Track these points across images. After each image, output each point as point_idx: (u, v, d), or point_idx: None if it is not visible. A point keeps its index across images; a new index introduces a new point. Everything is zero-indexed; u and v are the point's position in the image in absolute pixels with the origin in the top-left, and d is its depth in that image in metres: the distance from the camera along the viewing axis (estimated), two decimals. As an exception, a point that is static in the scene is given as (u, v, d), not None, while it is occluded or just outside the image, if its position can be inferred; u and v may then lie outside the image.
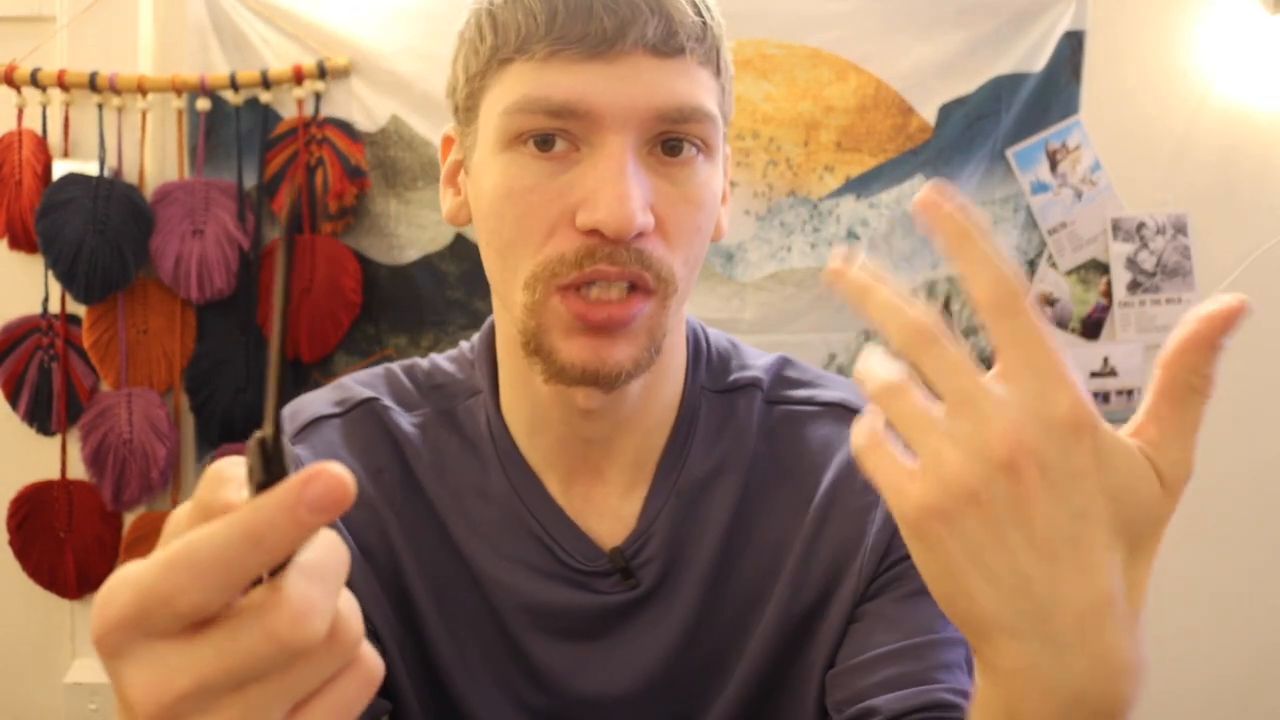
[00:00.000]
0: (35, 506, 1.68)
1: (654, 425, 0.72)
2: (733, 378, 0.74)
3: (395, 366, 0.77)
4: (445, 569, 0.71)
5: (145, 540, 1.67)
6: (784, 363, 0.77)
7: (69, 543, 1.67)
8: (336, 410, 0.73)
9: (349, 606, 0.34)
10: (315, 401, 0.75)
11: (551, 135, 0.61)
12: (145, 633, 0.32)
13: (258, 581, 0.32)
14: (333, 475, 0.31)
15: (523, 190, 0.62)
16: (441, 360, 0.77)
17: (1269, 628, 1.79)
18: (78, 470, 1.68)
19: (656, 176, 0.62)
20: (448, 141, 0.72)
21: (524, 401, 0.71)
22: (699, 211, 0.64)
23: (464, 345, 0.78)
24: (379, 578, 0.70)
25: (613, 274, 0.61)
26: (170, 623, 0.31)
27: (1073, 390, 0.39)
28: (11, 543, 1.68)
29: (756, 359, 0.76)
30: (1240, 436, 1.75)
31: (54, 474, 1.68)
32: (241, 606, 0.32)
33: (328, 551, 0.34)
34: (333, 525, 0.76)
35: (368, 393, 0.74)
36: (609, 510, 0.71)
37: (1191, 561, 1.77)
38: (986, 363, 0.39)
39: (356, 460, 0.71)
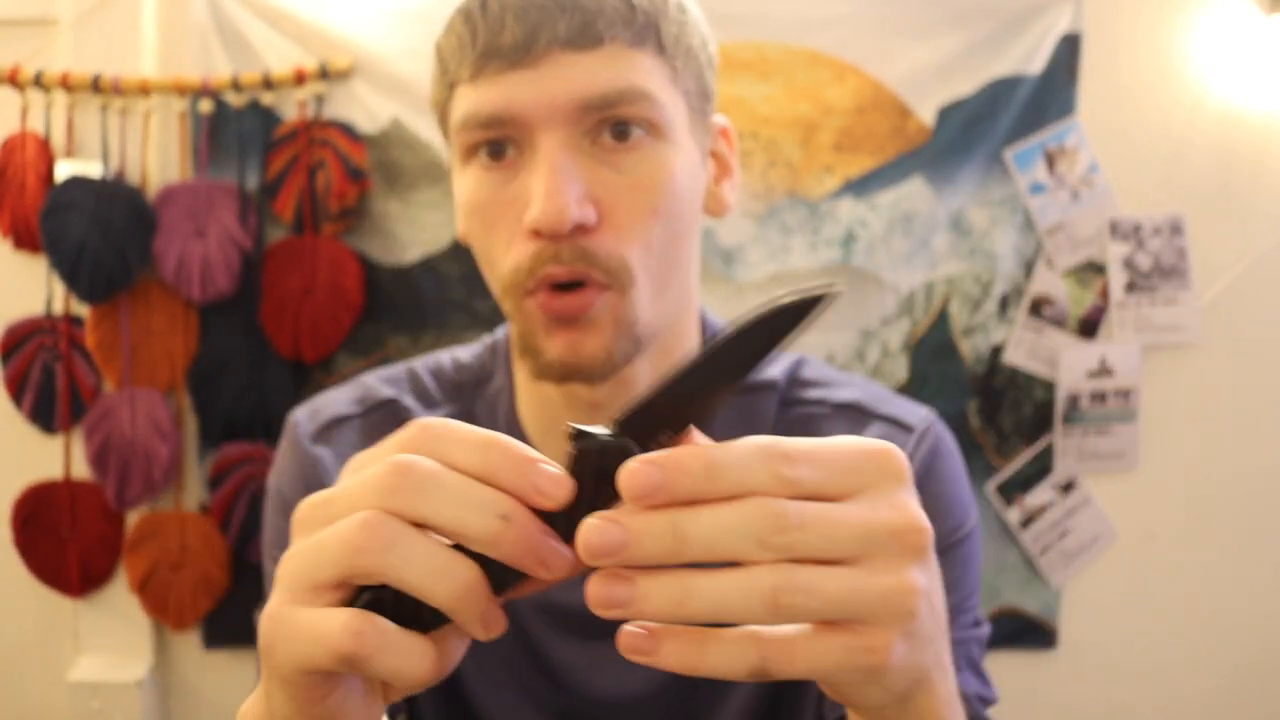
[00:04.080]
0: (39, 505, 1.68)
1: None
2: (750, 378, 0.75)
3: (419, 365, 0.78)
4: None
5: (148, 539, 1.67)
6: (799, 363, 0.77)
7: (72, 542, 1.68)
8: (356, 410, 0.74)
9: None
10: (336, 401, 0.75)
11: (500, 142, 0.64)
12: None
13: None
14: (563, 483, 0.36)
15: (482, 204, 0.65)
16: (464, 355, 0.78)
17: (1266, 633, 1.80)
18: (81, 470, 1.68)
19: (600, 166, 0.63)
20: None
21: (536, 401, 0.71)
22: (652, 195, 0.64)
23: (486, 338, 0.79)
24: None
25: (561, 274, 0.62)
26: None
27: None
28: (16, 541, 1.69)
29: (774, 359, 0.77)
30: (1238, 440, 1.76)
31: (57, 473, 1.69)
32: None
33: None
34: None
35: (389, 392, 0.75)
36: None
37: (1189, 564, 1.78)
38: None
39: None
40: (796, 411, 0.74)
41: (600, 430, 0.36)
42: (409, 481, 0.35)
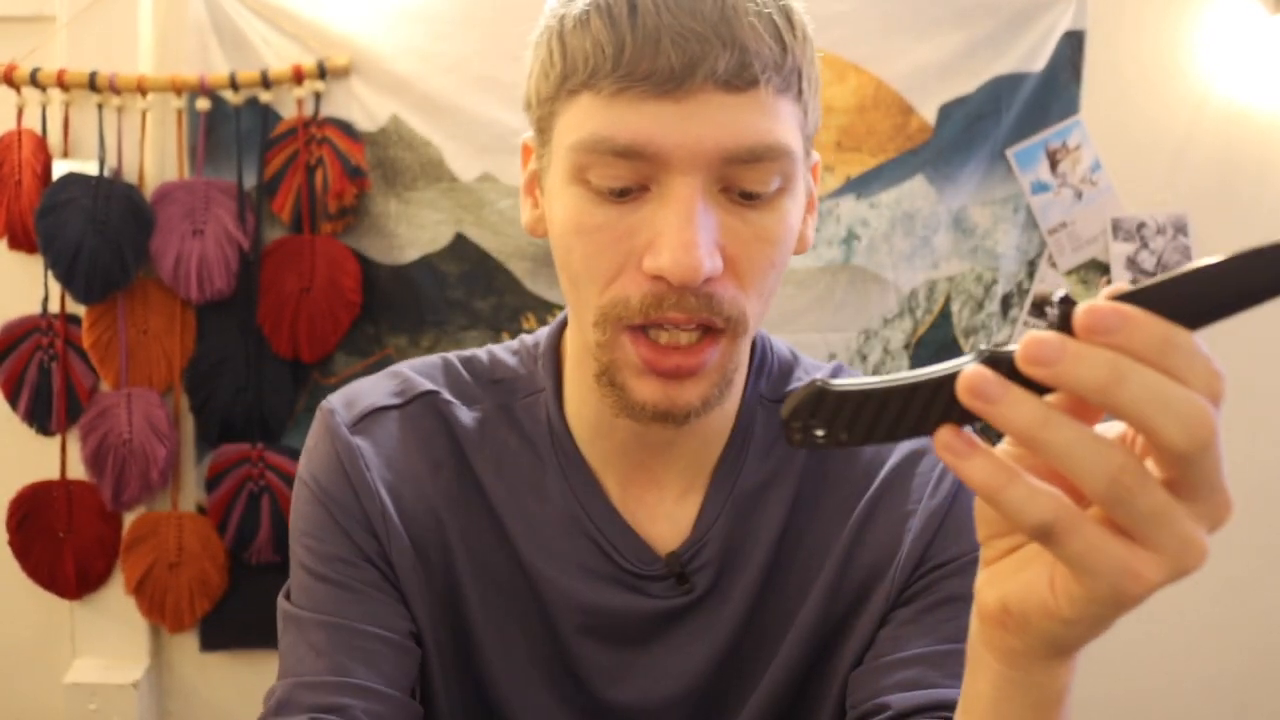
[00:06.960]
0: (35, 506, 1.68)
1: (712, 432, 0.72)
2: (790, 389, 0.74)
3: (453, 358, 0.76)
4: (499, 567, 0.71)
5: (145, 540, 1.67)
6: (838, 371, 0.77)
7: (68, 543, 1.67)
8: (396, 401, 0.73)
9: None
10: (374, 390, 0.74)
11: (626, 189, 0.60)
12: None
13: None
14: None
15: (591, 228, 0.61)
16: (501, 353, 0.76)
17: (1268, 628, 1.79)
18: (77, 470, 1.67)
19: (729, 215, 0.61)
20: (526, 150, 0.71)
21: (589, 406, 0.70)
22: (774, 249, 0.62)
23: (526, 338, 0.77)
24: (429, 577, 0.70)
25: (681, 320, 0.60)
26: None
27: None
28: (11, 543, 1.68)
29: (814, 370, 0.77)
30: (1239, 437, 1.75)
31: (54, 474, 1.68)
32: None
33: None
34: (390, 521, 0.76)
35: (428, 385, 0.74)
36: (663, 514, 0.72)
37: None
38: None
39: (417, 454, 0.71)
40: None
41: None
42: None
